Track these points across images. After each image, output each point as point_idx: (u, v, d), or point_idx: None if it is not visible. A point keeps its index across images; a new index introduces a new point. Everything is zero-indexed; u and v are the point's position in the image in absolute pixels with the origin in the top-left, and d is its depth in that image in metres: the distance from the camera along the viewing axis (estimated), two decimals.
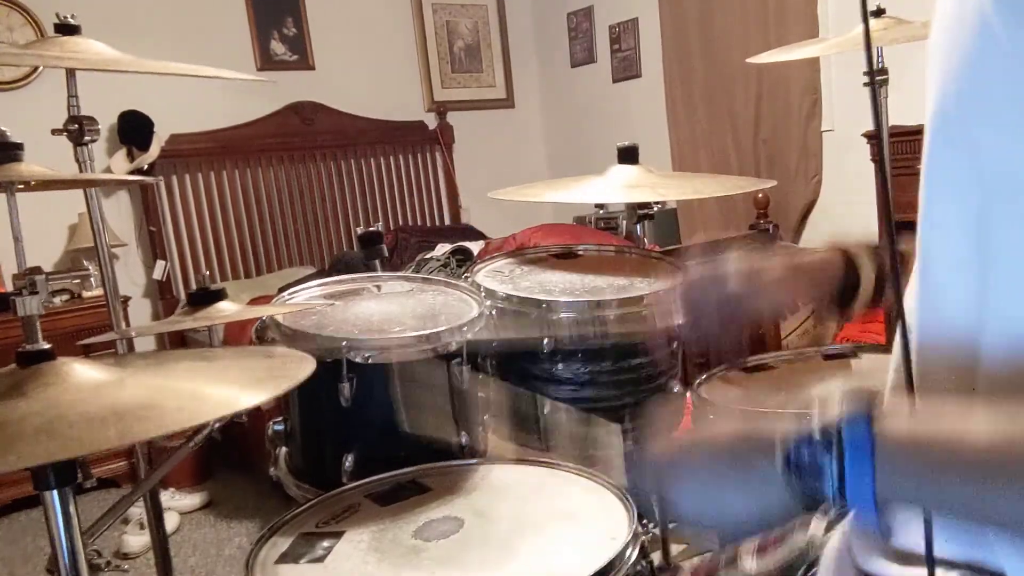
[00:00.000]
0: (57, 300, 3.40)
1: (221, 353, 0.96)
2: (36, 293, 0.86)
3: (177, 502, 3.15)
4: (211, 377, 0.84)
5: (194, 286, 1.36)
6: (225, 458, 3.43)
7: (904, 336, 0.60)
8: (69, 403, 0.73)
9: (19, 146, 1.25)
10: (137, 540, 2.81)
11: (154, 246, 4.04)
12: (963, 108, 0.58)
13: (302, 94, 4.44)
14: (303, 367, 0.84)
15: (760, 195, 3.49)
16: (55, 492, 0.75)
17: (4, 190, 1.29)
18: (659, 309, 1.32)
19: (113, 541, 2.83)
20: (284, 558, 0.97)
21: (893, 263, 0.86)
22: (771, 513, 0.59)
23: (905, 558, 0.66)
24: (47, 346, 0.80)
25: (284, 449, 1.36)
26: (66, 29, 1.41)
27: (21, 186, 1.31)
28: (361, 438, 1.26)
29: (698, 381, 1.47)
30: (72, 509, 0.77)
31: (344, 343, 1.21)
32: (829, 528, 0.87)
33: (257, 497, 3.20)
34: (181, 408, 0.74)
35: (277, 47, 4.45)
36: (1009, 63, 0.53)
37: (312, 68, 4.54)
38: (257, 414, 2.51)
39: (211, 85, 3.88)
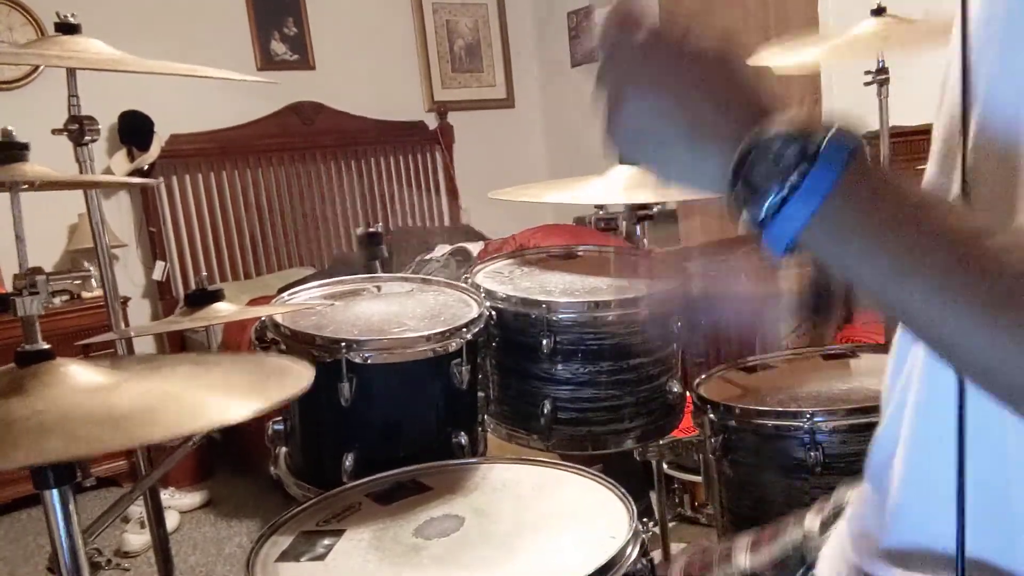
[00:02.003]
0: (57, 300, 3.40)
1: (220, 359, 0.96)
2: (36, 293, 0.86)
3: (177, 501, 3.15)
4: (210, 384, 0.84)
5: (193, 287, 1.37)
6: (225, 457, 3.44)
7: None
8: (68, 404, 0.73)
9: (25, 146, 1.25)
10: (137, 539, 2.81)
11: (154, 247, 4.04)
12: None
13: (302, 94, 4.44)
14: (303, 375, 0.84)
15: None
16: (55, 491, 0.75)
17: (9, 190, 1.29)
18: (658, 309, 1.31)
19: (113, 540, 2.84)
20: (285, 556, 0.97)
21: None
22: (693, 178, 0.53)
23: (905, 560, 0.66)
24: (46, 346, 0.80)
25: (284, 448, 1.37)
26: (66, 28, 1.41)
27: (25, 186, 1.31)
28: (361, 438, 1.26)
29: (697, 381, 1.48)
30: (72, 508, 0.77)
31: (344, 343, 1.21)
32: (824, 528, 0.87)
33: (257, 496, 3.20)
34: (179, 414, 0.74)
35: (277, 47, 4.45)
36: None
37: (312, 68, 4.54)
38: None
39: (211, 85, 3.87)
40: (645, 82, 0.55)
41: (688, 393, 1.46)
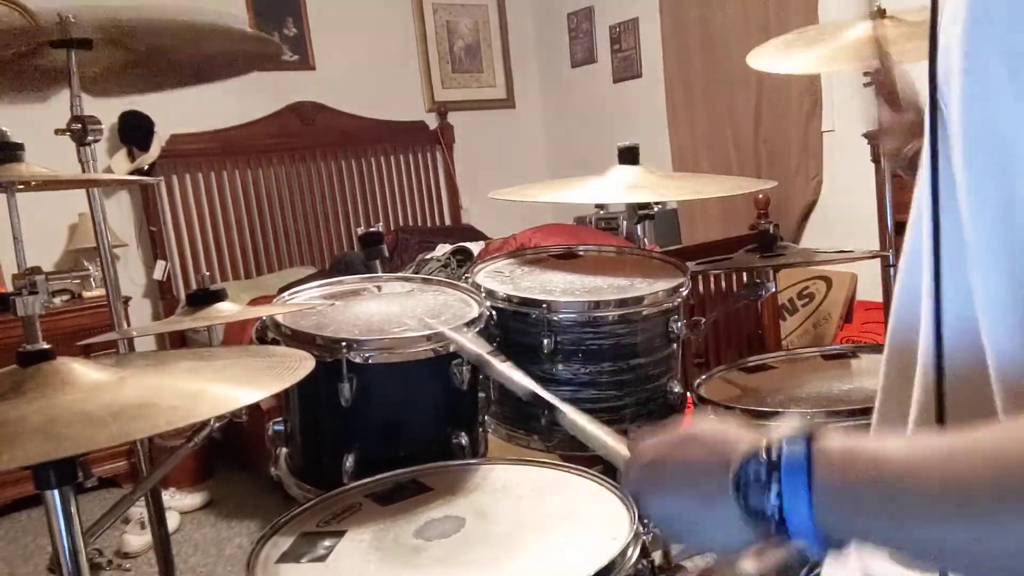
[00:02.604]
0: (58, 300, 3.40)
1: (220, 352, 0.96)
2: (36, 293, 0.86)
3: (178, 501, 3.15)
4: (210, 376, 0.84)
5: (194, 286, 1.37)
6: (226, 458, 3.44)
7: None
8: (68, 403, 0.73)
9: (19, 146, 1.25)
10: (138, 539, 2.81)
11: (154, 246, 4.04)
12: None
13: (302, 94, 4.44)
14: (302, 365, 0.84)
15: (760, 195, 3.50)
16: (56, 491, 0.75)
17: (4, 190, 1.29)
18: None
19: (114, 540, 2.84)
20: (285, 557, 0.97)
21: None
22: (731, 536, 0.58)
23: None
24: (47, 346, 0.80)
25: (284, 449, 1.37)
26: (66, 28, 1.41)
27: (21, 186, 1.31)
28: (361, 438, 1.26)
29: (698, 381, 1.48)
30: (73, 508, 0.77)
31: (344, 343, 1.21)
32: None
33: (258, 497, 3.20)
34: (179, 406, 0.75)
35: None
36: None
37: (312, 68, 4.54)
38: (257, 414, 2.52)
39: (211, 85, 3.86)
40: (654, 489, 0.63)
41: (688, 393, 1.46)
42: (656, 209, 1.69)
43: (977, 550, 0.46)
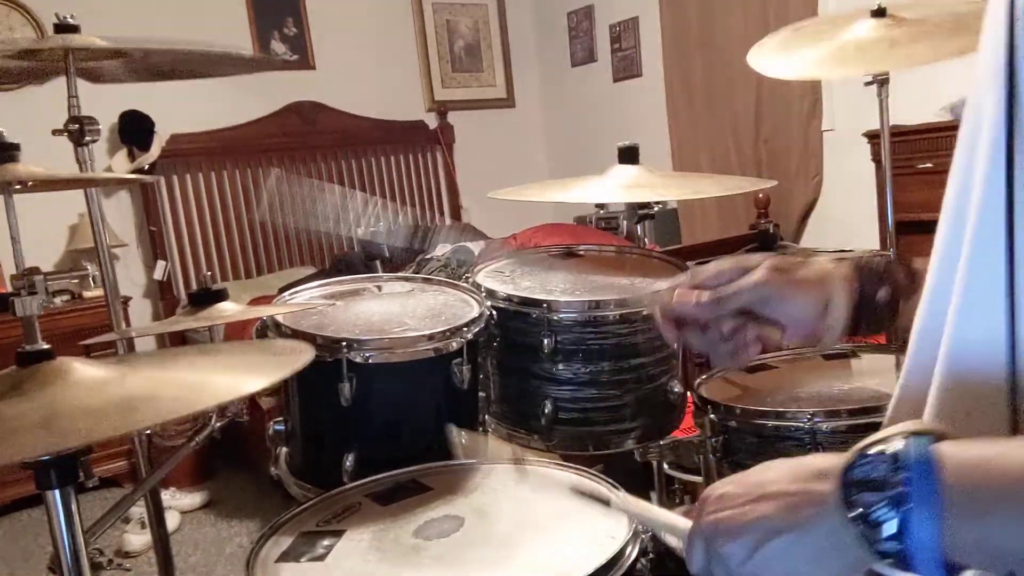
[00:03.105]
0: (57, 300, 3.40)
1: (221, 347, 0.96)
2: (35, 293, 0.86)
3: (178, 501, 3.16)
4: (211, 367, 0.84)
5: (195, 286, 1.37)
6: (226, 458, 3.44)
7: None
8: (68, 399, 0.73)
9: (15, 146, 1.25)
10: (138, 539, 2.82)
11: (154, 246, 4.04)
12: None
13: (302, 94, 4.44)
14: (302, 355, 0.84)
15: (760, 195, 3.50)
16: (57, 491, 0.75)
17: (1, 191, 1.29)
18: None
19: (114, 540, 2.84)
20: (285, 557, 0.97)
21: (892, 266, 0.85)
22: (843, 568, 0.52)
23: None
24: (46, 346, 0.80)
25: (284, 449, 1.37)
26: (65, 29, 1.41)
27: (18, 186, 1.31)
28: (361, 438, 1.26)
29: (698, 381, 1.47)
30: (74, 508, 0.77)
31: (344, 343, 1.21)
32: None
33: (257, 496, 3.21)
34: (180, 397, 0.74)
35: (277, 47, 4.45)
36: None
37: (312, 68, 4.54)
38: (257, 414, 2.52)
39: (211, 85, 3.86)
40: (728, 536, 0.57)
41: (689, 393, 1.46)
42: (656, 209, 1.69)
43: None
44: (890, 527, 0.47)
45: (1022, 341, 0.53)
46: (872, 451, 0.50)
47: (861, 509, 0.49)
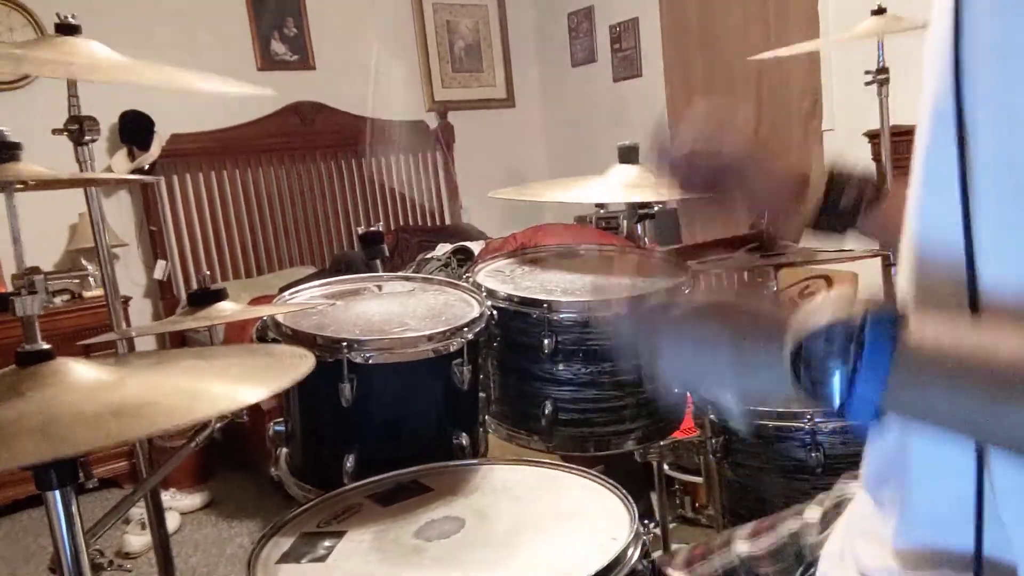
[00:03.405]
0: (57, 300, 3.40)
1: (220, 351, 0.96)
2: (35, 293, 0.86)
3: (178, 502, 3.16)
4: (209, 375, 0.84)
5: (195, 286, 1.36)
6: (226, 458, 3.43)
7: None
8: (67, 403, 0.73)
9: (17, 145, 1.25)
10: (138, 540, 2.82)
11: (154, 246, 4.04)
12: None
13: (302, 94, 4.44)
14: (302, 363, 0.84)
15: None
16: (57, 492, 0.75)
17: (2, 190, 1.29)
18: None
19: (115, 541, 2.84)
20: (286, 558, 0.97)
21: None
22: (763, 392, 0.59)
23: (907, 558, 0.66)
24: (46, 346, 0.80)
25: (285, 449, 1.36)
26: (66, 29, 1.40)
27: (20, 186, 1.31)
28: (362, 438, 1.26)
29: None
30: (74, 509, 0.77)
31: (345, 343, 1.21)
32: (825, 520, 0.87)
33: (258, 497, 3.20)
34: (178, 405, 0.74)
35: (278, 47, 4.45)
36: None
37: (312, 68, 4.54)
38: (258, 414, 2.52)
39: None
40: (680, 324, 0.62)
41: (689, 393, 1.46)
42: (656, 208, 1.69)
43: None
44: (836, 386, 0.53)
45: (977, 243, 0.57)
46: (835, 323, 0.54)
47: (812, 366, 0.54)
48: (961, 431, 0.53)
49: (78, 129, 1.45)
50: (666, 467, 2.02)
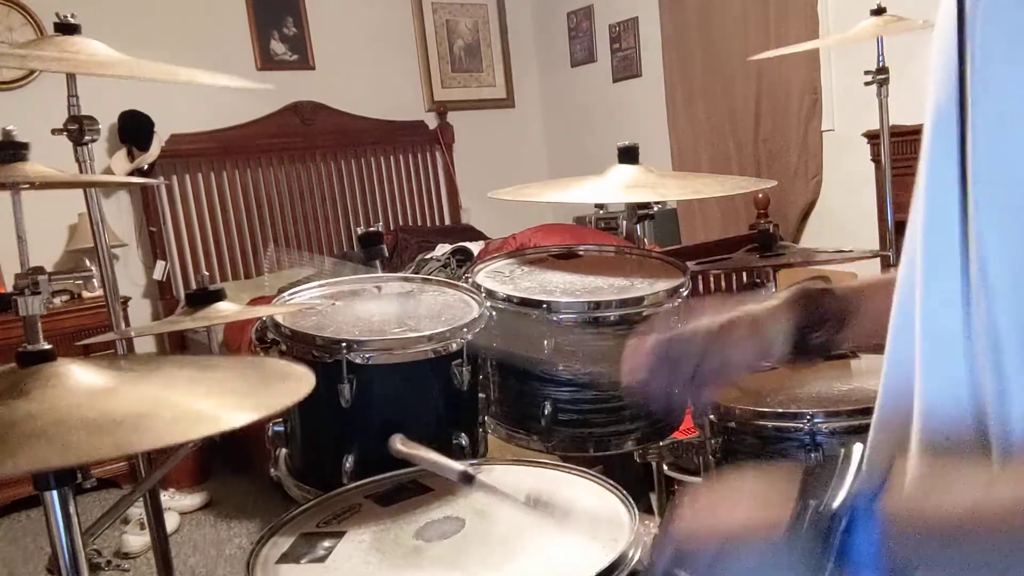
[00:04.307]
0: (57, 300, 3.40)
1: (221, 363, 0.96)
2: (38, 293, 0.86)
3: (177, 502, 3.15)
4: (210, 389, 0.83)
5: (194, 286, 1.36)
6: (225, 458, 3.44)
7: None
8: (68, 407, 0.73)
9: (25, 146, 1.25)
10: (137, 540, 2.81)
11: (154, 246, 4.04)
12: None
13: (302, 94, 4.44)
14: (303, 384, 0.83)
15: (760, 195, 3.50)
16: (55, 492, 0.75)
17: (9, 189, 1.29)
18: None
19: (113, 541, 2.84)
20: (285, 558, 0.97)
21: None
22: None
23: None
24: (47, 346, 0.80)
25: (284, 450, 1.36)
26: (66, 29, 1.40)
27: (27, 185, 1.31)
28: (361, 438, 1.26)
29: None
30: (72, 509, 0.76)
31: (344, 344, 1.21)
32: None
33: (257, 497, 3.20)
34: (177, 422, 0.74)
35: (277, 47, 4.45)
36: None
37: (312, 68, 4.54)
38: None
39: (211, 85, 3.88)
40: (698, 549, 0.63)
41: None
42: (656, 209, 1.69)
43: None
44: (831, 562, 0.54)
45: (977, 381, 0.57)
46: (821, 513, 0.55)
47: (811, 557, 0.55)
48: None
49: (77, 129, 1.45)
50: (665, 468, 2.02)
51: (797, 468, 0.61)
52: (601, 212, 4.37)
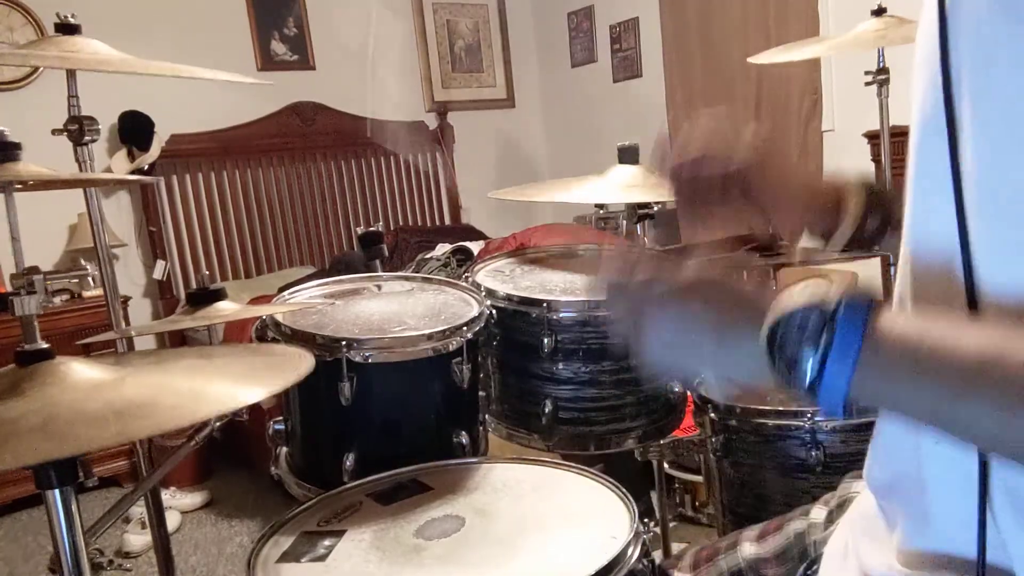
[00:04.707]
0: (57, 300, 3.40)
1: (220, 351, 0.96)
2: (34, 293, 0.86)
3: (178, 501, 3.16)
4: (210, 375, 0.84)
5: (194, 286, 1.37)
6: (226, 457, 3.44)
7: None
8: (67, 402, 0.73)
9: (17, 146, 1.25)
10: (138, 539, 2.82)
11: (154, 246, 4.04)
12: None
13: (302, 94, 4.44)
14: (303, 363, 0.84)
15: None
16: (57, 491, 0.75)
17: (2, 190, 1.29)
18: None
19: (114, 540, 2.84)
20: (286, 557, 0.97)
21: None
22: (743, 375, 0.58)
23: (911, 559, 0.66)
24: (45, 346, 0.80)
25: (285, 448, 1.36)
26: (66, 29, 1.41)
27: (19, 186, 1.31)
28: (361, 437, 1.26)
29: (698, 380, 1.47)
30: (74, 508, 0.77)
31: (344, 342, 1.21)
32: (830, 519, 0.87)
33: (258, 496, 3.21)
34: (179, 406, 0.74)
35: (278, 47, 4.45)
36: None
37: (312, 68, 4.54)
38: (258, 413, 2.51)
39: (211, 85, 3.88)
40: (663, 305, 0.62)
41: (689, 392, 1.46)
42: (656, 209, 1.69)
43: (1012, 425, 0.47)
44: (807, 373, 0.53)
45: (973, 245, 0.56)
46: (812, 302, 0.54)
47: (786, 350, 0.54)
48: (926, 423, 0.53)
49: (78, 129, 1.45)
50: (666, 466, 2.02)
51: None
52: (601, 212, 4.35)
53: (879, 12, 2.00)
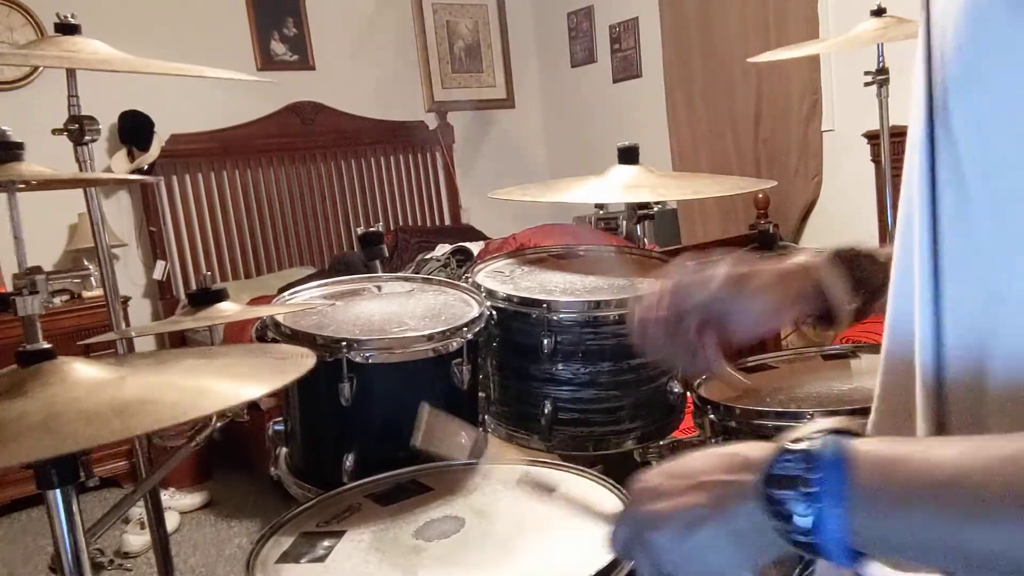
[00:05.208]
0: (57, 300, 3.40)
1: (221, 351, 0.96)
2: (36, 293, 0.86)
3: (178, 501, 3.16)
4: (211, 372, 0.84)
5: (194, 286, 1.37)
6: (226, 458, 3.44)
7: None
8: (69, 401, 0.73)
9: (20, 145, 1.25)
10: (138, 539, 2.82)
11: (154, 246, 4.04)
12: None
13: (302, 94, 4.44)
14: (304, 362, 0.84)
15: (760, 195, 3.50)
16: (58, 491, 0.75)
17: (5, 189, 1.29)
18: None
19: (115, 540, 2.84)
20: (285, 557, 0.97)
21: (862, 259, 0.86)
22: (741, 554, 0.54)
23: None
24: (47, 346, 0.80)
25: (284, 449, 1.37)
26: (66, 29, 1.41)
27: (22, 185, 1.31)
28: (361, 438, 1.26)
29: (698, 381, 1.47)
30: (75, 507, 0.77)
31: (344, 343, 1.21)
32: None
33: (257, 497, 3.21)
34: (180, 402, 0.74)
35: (277, 47, 4.45)
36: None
37: (312, 68, 4.54)
38: (257, 414, 2.51)
39: (211, 85, 3.87)
40: (652, 520, 0.58)
41: (688, 393, 1.46)
42: (656, 209, 1.69)
43: None
44: (803, 521, 0.50)
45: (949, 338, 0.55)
46: (793, 447, 0.52)
47: (778, 504, 0.51)
48: (940, 562, 0.50)
49: (78, 129, 1.45)
50: None
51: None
52: (601, 212, 4.36)
53: (879, 12, 2.01)
